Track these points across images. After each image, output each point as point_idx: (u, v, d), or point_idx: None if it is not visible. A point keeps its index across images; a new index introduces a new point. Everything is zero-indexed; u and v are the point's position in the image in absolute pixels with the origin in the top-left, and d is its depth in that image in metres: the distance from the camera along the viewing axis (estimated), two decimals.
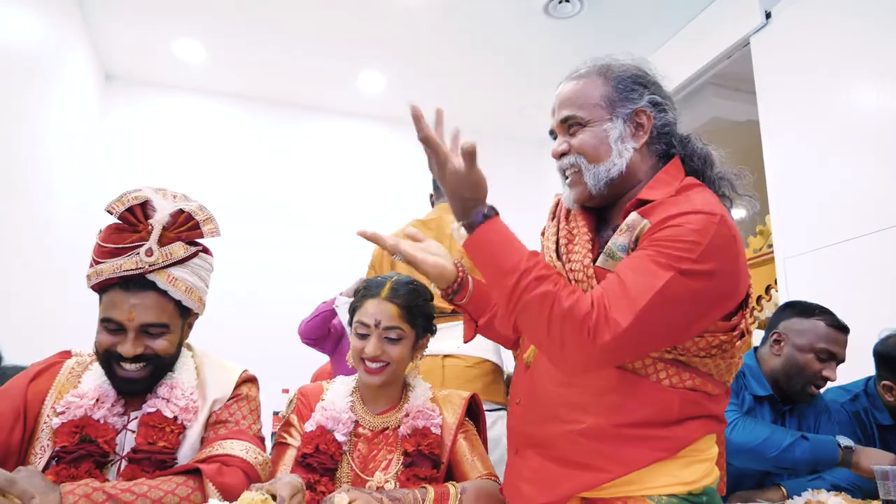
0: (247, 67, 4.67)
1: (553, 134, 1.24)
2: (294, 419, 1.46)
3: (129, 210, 1.25)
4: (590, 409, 1.09)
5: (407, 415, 1.44)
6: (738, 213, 1.25)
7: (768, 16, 3.56)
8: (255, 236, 4.79)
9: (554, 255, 1.17)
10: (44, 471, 1.17)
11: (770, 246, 4.49)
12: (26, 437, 1.22)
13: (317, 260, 4.71)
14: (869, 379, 2.09)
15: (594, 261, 1.09)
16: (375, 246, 2.40)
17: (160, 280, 1.23)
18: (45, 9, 3.43)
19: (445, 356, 2.07)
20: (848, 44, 3.10)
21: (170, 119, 4.85)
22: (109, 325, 1.23)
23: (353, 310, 1.49)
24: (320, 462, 1.33)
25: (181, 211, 1.28)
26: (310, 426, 1.40)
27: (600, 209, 1.22)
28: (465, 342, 1.42)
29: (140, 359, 1.24)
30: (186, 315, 1.33)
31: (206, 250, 1.34)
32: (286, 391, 3.61)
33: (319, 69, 4.70)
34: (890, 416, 1.97)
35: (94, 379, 1.27)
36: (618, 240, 1.07)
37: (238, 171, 4.94)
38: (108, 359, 1.24)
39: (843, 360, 1.81)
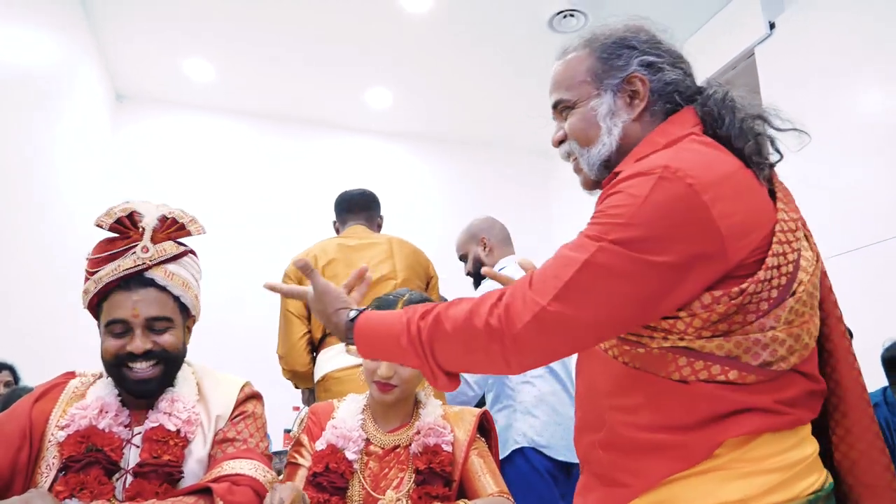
0: (255, 85, 4.72)
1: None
2: (304, 439, 1.46)
3: (118, 221, 1.29)
4: (604, 414, 0.97)
5: (418, 432, 1.43)
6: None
7: (772, 26, 3.57)
8: (265, 252, 4.80)
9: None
10: (50, 488, 1.17)
11: None
12: (33, 457, 1.22)
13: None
14: (885, 388, 2.06)
15: None
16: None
17: (158, 276, 1.28)
18: (56, 29, 3.48)
19: None
20: (852, 52, 3.10)
21: (180, 137, 4.90)
22: (115, 327, 1.25)
23: None
24: (330, 481, 1.33)
25: (166, 216, 1.33)
26: (320, 445, 1.40)
27: None
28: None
29: (150, 355, 1.25)
30: (186, 315, 1.36)
31: (193, 252, 1.39)
32: (297, 409, 3.61)
33: (327, 86, 4.74)
34: None
35: (98, 392, 1.28)
36: None
37: (247, 187, 4.98)
38: (117, 364, 1.25)
39: None
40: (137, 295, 1.26)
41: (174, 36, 4.12)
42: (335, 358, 2.09)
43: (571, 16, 3.87)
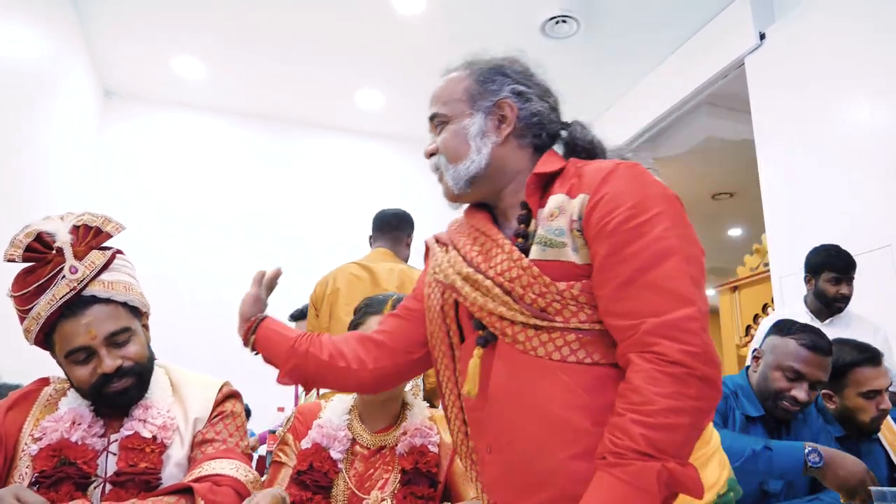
0: (246, 84, 4.70)
1: None
2: (290, 438, 1.45)
3: (28, 249, 1.23)
4: (580, 438, 0.91)
5: (405, 433, 1.43)
6: None
7: (762, 37, 3.60)
8: (253, 253, 4.79)
9: (464, 268, 1.03)
10: None
11: (766, 264, 4.51)
12: (6, 467, 1.21)
13: (316, 277, 4.71)
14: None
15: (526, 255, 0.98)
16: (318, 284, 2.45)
17: (98, 290, 1.23)
18: (45, 26, 3.45)
19: None
20: (841, 63, 3.14)
21: (169, 135, 4.87)
22: (78, 355, 1.21)
23: (354, 326, 1.49)
24: (314, 480, 1.33)
25: (76, 226, 1.27)
26: (306, 444, 1.40)
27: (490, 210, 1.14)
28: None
29: (121, 371, 1.22)
30: (139, 316, 1.32)
31: (119, 251, 1.33)
32: (282, 409, 3.59)
33: (318, 86, 4.73)
34: (841, 426, 1.95)
35: (70, 403, 1.25)
36: (551, 225, 0.97)
37: (237, 187, 4.96)
38: (95, 389, 1.22)
39: (819, 381, 1.74)
40: (86, 317, 1.20)
41: (164, 33, 4.09)
42: None
43: (564, 21, 3.88)
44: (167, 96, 4.82)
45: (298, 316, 3.40)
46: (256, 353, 1.25)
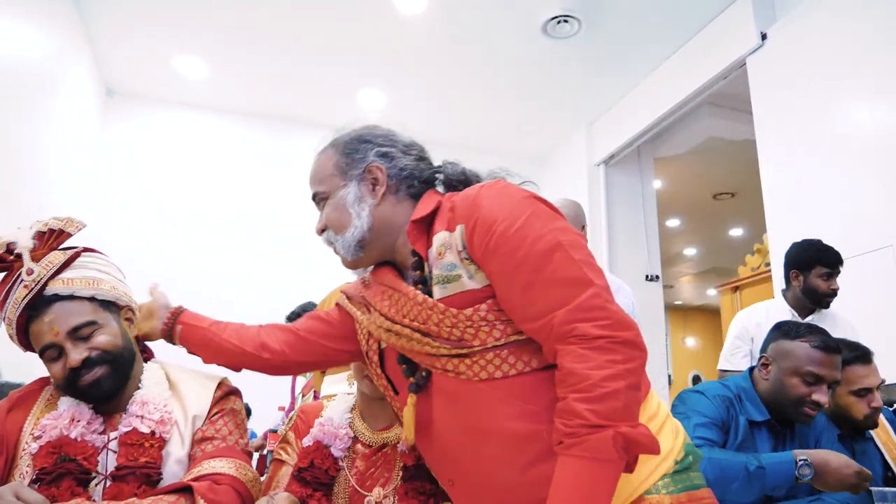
0: (247, 84, 4.71)
1: None
2: (291, 436, 1.46)
3: None
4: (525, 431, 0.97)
5: None
6: None
7: (764, 37, 3.60)
8: (253, 253, 4.79)
9: (385, 323, 1.11)
10: None
11: (768, 264, 4.50)
12: (6, 467, 1.22)
13: (317, 276, 4.71)
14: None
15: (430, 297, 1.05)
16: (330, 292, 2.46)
17: (58, 287, 1.26)
18: (48, 24, 3.46)
19: None
20: (842, 63, 3.14)
21: (170, 134, 4.88)
22: (49, 353, 1.24)
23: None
24: (315, 476, 1.33)
25: (41, 231, 1.31)
26: (307, 441, 1.40)
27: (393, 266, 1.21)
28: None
29: (90, 362, 1.24)
30: (114, 309, 1.33)
31: (88, 250, 1.35)
32: (283, 409, 3.59)
33: (319, 86, 4.74)
34: (835, 425, 1.95)
35: (69, 402, 1.27)
36: (442, 262, 1.04)
37: (238, 187, 4.96)
38: (70, 384, 1.24)
39: (835, 382, 1.73)
40: (48, 315, 1.23)
41: (166, 32, 4.10)
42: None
43: (565, 21, 3.88)
44: (169, 95, 4.83)
45: (294, 317, 3.40)
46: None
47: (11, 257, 1.27)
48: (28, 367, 2.20)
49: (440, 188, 1.20)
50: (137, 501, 1.11)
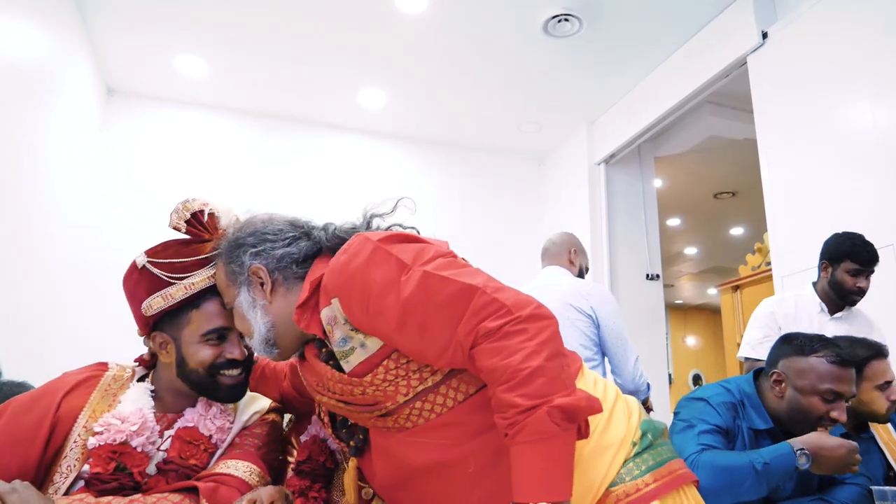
0: (248, 83, 4.70)
1: None
2: (292, 438, 1.47)
3: (192, 222, 1.27)
4: (459, 449, 1.02)
5: None
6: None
7: (765, 35, 3.60)
8: None
9: (324, 399, 1.16)
10: (68, 491, 1.13)
11: (768, 264, 4.50)
12: (50, 454, 1.16)
13: None
14: None
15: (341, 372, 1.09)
16: None
17: None
18: (48, 23, 3.45)
19: None
20: (844, 62, 3.13)
21: (171, 134, 4.87)
22: (214, 336, 1.26)
23: None
24: (312, 468, 1.34)
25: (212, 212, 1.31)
26: (304, 436, 1.41)
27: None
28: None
29: (236, 363, 1.28)
30: None
31: None
32: None
33: (320, 85, 4.73)
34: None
35: (135, 401, 1.23)
36: (335, 338, 1.06)
37: (239, 186, 4.95)
38: (212, 373, 1.25)
39: (852, 397, 1.68)
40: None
41: (167, 31, 4.09)
42: None
43: (566, 20, 3.87)
44: (169, 94, 4.82)
45: None
46: None
47: (211, 231, 1.28)
48: (28, 367, 2.20)
49: (328, 253, 1.18)
50: (142, 498, 1.11)
